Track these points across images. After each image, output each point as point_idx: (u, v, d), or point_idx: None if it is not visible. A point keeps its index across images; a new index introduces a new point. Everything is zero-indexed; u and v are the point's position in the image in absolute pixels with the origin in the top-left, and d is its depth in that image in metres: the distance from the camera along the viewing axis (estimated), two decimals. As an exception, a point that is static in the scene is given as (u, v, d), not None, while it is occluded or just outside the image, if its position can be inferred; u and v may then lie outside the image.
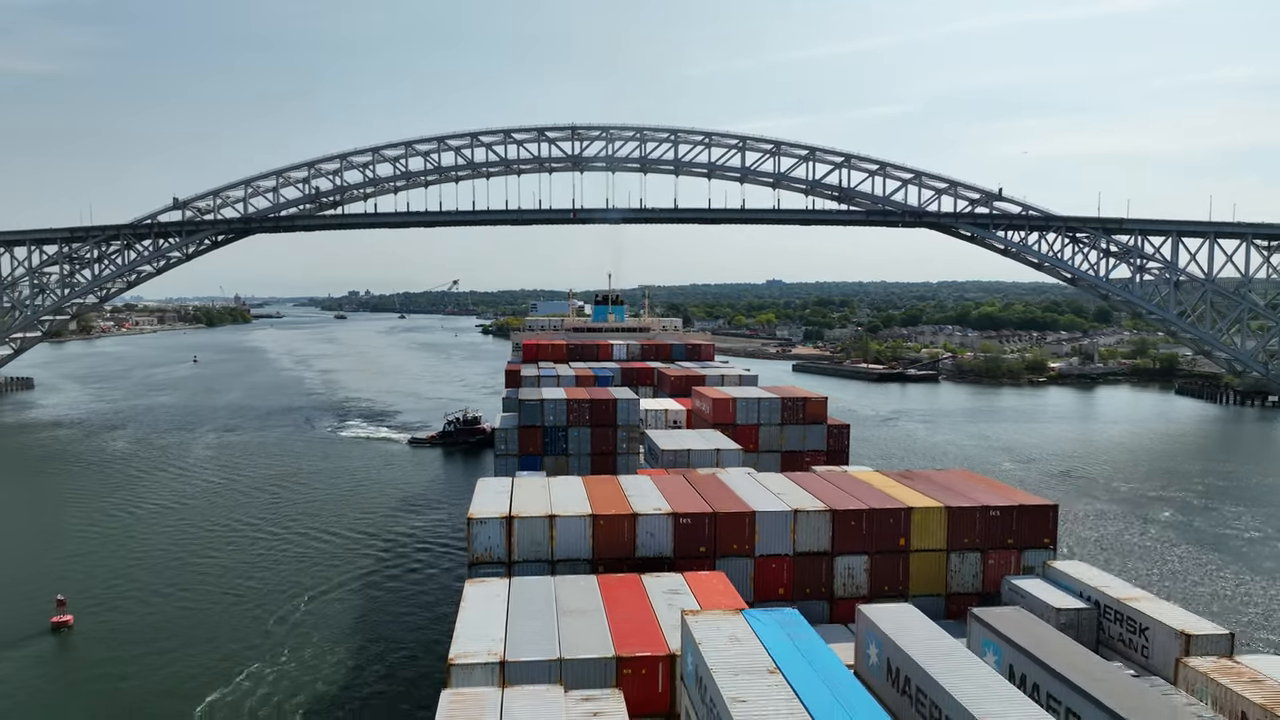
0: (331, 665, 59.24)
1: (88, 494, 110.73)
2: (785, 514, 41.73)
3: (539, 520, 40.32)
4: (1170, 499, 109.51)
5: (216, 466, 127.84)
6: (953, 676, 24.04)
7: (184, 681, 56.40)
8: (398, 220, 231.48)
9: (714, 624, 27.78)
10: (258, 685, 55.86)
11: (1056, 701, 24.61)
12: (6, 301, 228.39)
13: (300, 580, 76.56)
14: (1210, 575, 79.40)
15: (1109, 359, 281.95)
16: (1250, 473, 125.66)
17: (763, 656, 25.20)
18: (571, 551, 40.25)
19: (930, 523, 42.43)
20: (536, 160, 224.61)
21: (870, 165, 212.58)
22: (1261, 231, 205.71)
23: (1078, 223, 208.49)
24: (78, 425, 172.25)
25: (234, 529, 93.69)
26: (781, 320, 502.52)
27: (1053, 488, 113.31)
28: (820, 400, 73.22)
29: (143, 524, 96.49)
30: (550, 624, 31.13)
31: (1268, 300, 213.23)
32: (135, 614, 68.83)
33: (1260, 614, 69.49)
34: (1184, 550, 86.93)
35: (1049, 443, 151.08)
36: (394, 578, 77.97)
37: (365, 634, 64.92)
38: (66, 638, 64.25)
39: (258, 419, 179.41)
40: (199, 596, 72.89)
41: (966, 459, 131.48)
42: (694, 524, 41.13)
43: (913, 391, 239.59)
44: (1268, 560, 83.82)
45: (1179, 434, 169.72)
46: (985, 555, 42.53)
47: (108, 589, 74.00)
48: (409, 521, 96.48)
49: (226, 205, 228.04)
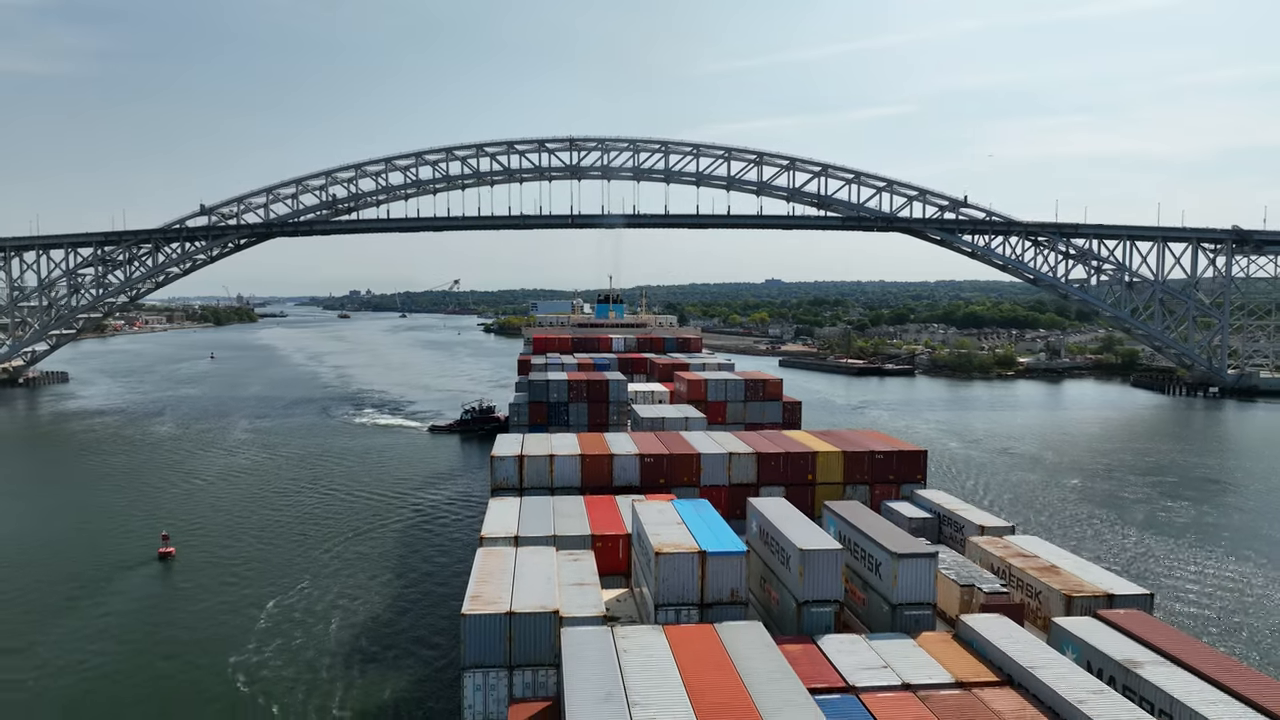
0: (365, 584, 76.36)
1: (158, 466, 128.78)
2: (722, 455, 58.88)
3: (542, 458, 57.49)
4: (1083, 468, 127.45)
5: (258, 446, 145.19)
6: (795, 531, 40.96)
7: (253, 594, 73.69)
8: (409, 225, 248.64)
9: (653, 506, 45.12)
10: (307, 597, 73.04)
11: (860, 546, 41.54)
12: (44, 300, 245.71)
13: (342, 528, 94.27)
14: (1081, 520, 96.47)
15: (1077, 354, 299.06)
16: (1163, 451, 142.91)
17: (676, 518, 42.45)
18: (566, 481, 57.33)
19: (831, 463, 59.54)
20: (537, 170, 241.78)
21: (846, 174, 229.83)
22: (1207, 236, 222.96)
23: (1037, 227, 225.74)
24: (122, 413, 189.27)
25: (285, 491, 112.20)
26: (774, 319, 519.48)
27: (990, 461, 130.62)
28: (777, 381, 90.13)
29: (213, 486, 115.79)
30: (548, 519, 48.06)
31: (1213, 299, 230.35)
32: (218, 548, 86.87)
33: (1091, 534, 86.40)
34: (1078, 507, 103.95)
35: (999, 427, 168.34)
36: (418, 527, 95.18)
37: (394, 568, 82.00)
38: (170, 564, 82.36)
39: (283, 408, 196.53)
40: (266, 537, 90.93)
41: (920, 440, 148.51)
42: (655, 462, 58.25)
43: (890, 384, 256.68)
44: (1133, 509, 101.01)
45: (1116, 419, 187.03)
46: (873, 487, 59.44)
47: (196, 531, 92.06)
48: (431, 490, 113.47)
49: (249, 210, 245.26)
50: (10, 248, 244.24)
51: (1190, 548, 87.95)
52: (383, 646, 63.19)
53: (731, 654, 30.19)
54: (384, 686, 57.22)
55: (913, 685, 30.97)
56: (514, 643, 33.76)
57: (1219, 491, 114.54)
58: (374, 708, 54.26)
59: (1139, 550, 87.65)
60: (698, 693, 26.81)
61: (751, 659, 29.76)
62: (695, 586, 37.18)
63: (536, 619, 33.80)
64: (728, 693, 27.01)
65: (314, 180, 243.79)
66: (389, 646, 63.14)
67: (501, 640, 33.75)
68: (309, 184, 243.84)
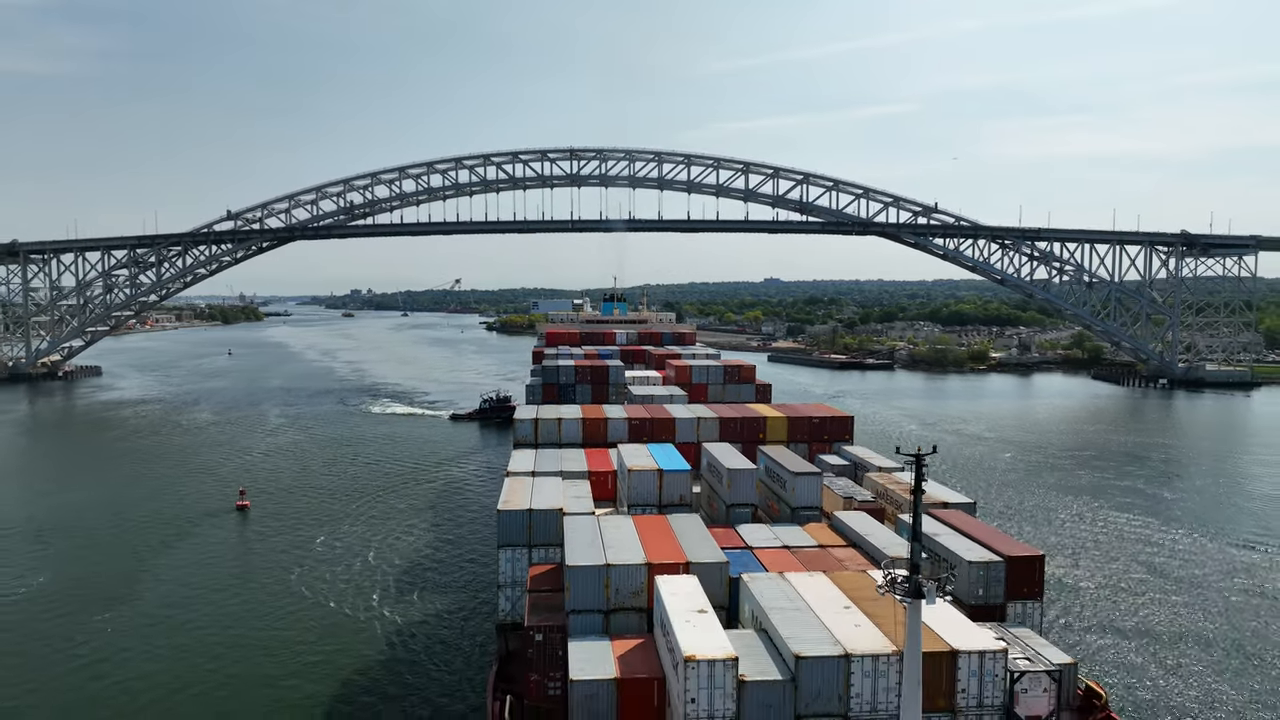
0: (401, 532, 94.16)
1: (213, 445, 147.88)
2: (693, 419, 77.04)
3: (552, 420, 75.80)
4: (1019, 444, 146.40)
5: (295, 429, 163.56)
6: (729, 460, 59.27)
7: (307, 535, 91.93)
8: (421, 229, 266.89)
9: (633, 447, 63.55)
10: (351, 536, 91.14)
11: (776, 472, 59.57)
12: (80, 299, 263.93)
13: (382, 488, 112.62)
14: (999, 482, 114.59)
15: (1049, 350, 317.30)
16: (1091, 432, 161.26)
17: (647, 453, 60.87)
18: (570, 438, 75.44)
19: (777, 426, 77.60)
20: (540, 178, 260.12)
21: (826, 182, 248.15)
22: (1159, 239, 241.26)
23: (1002, 232, 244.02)
24: (162, 402, 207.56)
25: (330, 462, 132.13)
26: (768, 317, 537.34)
27: (939, 439, 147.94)
28: (750, 367, 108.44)
29: (267, 459, 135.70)
30: (556, 461, 66.20)
31: (1165, 298, 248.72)
32: (280, 504, 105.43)
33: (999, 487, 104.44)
34: (1004, 475, 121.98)
35: (958, 413, 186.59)
36: (448, 489, 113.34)
37: (428, 516, 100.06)
38: (246, 515, 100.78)
39: (309, 398, 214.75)
40: (318, 496, 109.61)
41: (884, 422, 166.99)
42: (640, 424, 76.43)
43: (871, 378, 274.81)
44: (1046, 473, 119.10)
45: (1066, 407, 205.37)
46: (810, 445, 77.20)
47: (261, 492, 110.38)
48: (457, 466, 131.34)
49: (271, 215, 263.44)
50: (49, 251, 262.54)
51: (1081, 503, 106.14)
52: (418, 567, 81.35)
53: (675, 530, 48.32)
54: (416, 592, 75.31)
55: (789, 546, 49.38)
56: (532, 529, 52.08)
57: (1126, 462, 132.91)
58: (413, 604, 72.24)
59: (1037, 502, 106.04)
60: (648, 545, 44.81)
61: (687, 532, 47.87)
62: (655, 492, 55.67)
63: (547, 513, 52.13)
64: (668, 547, 45.06)
65: (333, 187, 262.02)
66: (426, 569, 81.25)
67: (523, 527, 52.07)
68: (328, 190, 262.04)
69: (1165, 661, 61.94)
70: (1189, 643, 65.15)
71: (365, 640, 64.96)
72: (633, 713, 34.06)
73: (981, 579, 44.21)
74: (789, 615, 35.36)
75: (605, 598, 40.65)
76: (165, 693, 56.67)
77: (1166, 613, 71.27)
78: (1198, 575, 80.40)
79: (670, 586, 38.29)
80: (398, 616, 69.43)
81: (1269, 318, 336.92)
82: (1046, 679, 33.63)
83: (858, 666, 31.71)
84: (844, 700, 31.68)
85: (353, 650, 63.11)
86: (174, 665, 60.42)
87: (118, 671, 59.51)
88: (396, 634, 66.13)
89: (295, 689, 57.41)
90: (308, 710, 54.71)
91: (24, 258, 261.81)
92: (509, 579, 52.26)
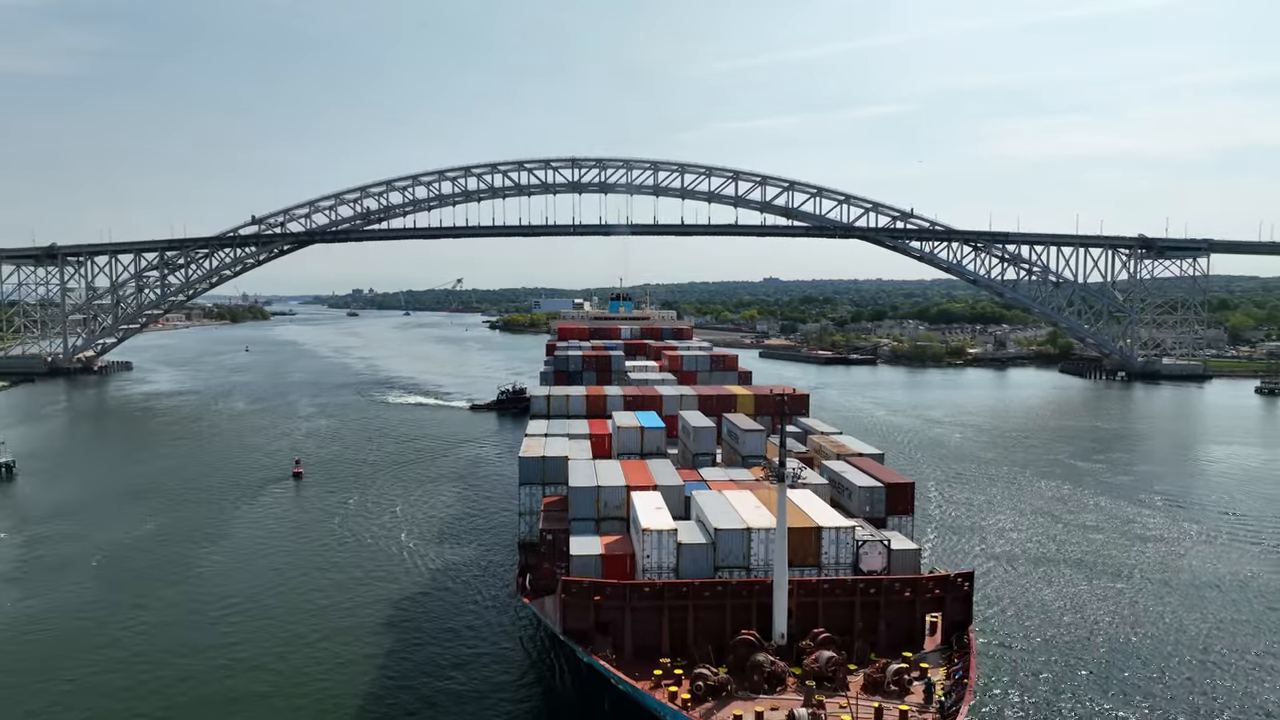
0: (430, 501, 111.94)
1: (256, 429, 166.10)
2: (676, 397, 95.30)
3: (561, 396, 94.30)
4: (973, 426, 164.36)
5: (326, 416, 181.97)
6: (695, 422, 77.67)
7: (351, 498, 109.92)
8: (432, 233, 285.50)
9: (623, 414, 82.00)
10: (393, 494, 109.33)
11: (733, 433, 77.87)
12: (114, 299, 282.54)
13: (415, 461, 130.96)
14: (941, 456, 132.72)
15: (1025, 346, 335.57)
16: (1041, 417, 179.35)
17: (634, 417, 79.32)
18: (576, 411, 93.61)
19: (746, 402, 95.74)
20: (544, 185, 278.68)
21: (810, 189, 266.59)
22: (1119, 242, 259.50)
23: (974, 235, 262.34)
24: (197, 394, 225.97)
25: (368, 439, 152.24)
26: (763, 316, 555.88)
27: (900, 422, 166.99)
28: (734, 357, 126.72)
29: (309, 439, 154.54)
30: (565, 428, 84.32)
31: (1125, 297, 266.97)
32: (333, 471, 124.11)
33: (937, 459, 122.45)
34: (948, 449, 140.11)
35: (925, 402, 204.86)
36: (472, 463, 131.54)
37: (452, 490, 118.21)
38: (301, 481, 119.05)
39: (332, 390, 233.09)
40: (359, 466, 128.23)
41: (854, 410, 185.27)
42: (633, 399, 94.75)
43: (855, 372, 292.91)
44: (987, 449, 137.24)
45: (1027, 396, 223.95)
46: (773, 418, 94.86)
47: (311, 464, 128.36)
48: (478, 446, 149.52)
49: (292, 220, 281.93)
50: (85, 253, 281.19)
51: (1006, 470, 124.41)
52: (452, 515, 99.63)
53: (650, 468, 66.60)
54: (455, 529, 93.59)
55: (736, 480, 67.62)
56: (545, 471, 70.30)
57: (1058, 440, 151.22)
58: (456, 536, 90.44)
59: (966, 470, 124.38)
60: (629, 476, 63.04)
61: (659, 470, 66.17)
62: (638, 444, 74.22)
63: (557, 460, 70.45)
64: (643, 476, 63.30)
65: (350, 194, 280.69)
66: (458, 517, 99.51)
67: (538, 470, 70.39)
68: (345, 197, 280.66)
69: (1020, 574, 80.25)
70: (1041, 563, 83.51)
71: (418, 557, 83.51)
72: (611, 573, 52.25)
73: (868, 498, 62.38)
74: (717, 510, 53.71)
75: (596, 510, 58.97)
76: (256, 590, 75.83)
77: (1042, 545, 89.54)
78: (1086, 521, 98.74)
79: (642, 498, 56.61)
80: (445, 545, 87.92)
81: (1235, 315, 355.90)
82: (881, 546, 51.73)
83: (755, 536, 50.02)
84: (746, 557, 49.97)
85: (419, 558, 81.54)
86: (264, 579, 78.90)
87: (227, 582, 77.90)
88: (439, 557, 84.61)
89: (373, 589, 75.82)
90: (374, 607, 72.90)
91: (61, 259, 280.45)
92: (527, 509, 70.60)
